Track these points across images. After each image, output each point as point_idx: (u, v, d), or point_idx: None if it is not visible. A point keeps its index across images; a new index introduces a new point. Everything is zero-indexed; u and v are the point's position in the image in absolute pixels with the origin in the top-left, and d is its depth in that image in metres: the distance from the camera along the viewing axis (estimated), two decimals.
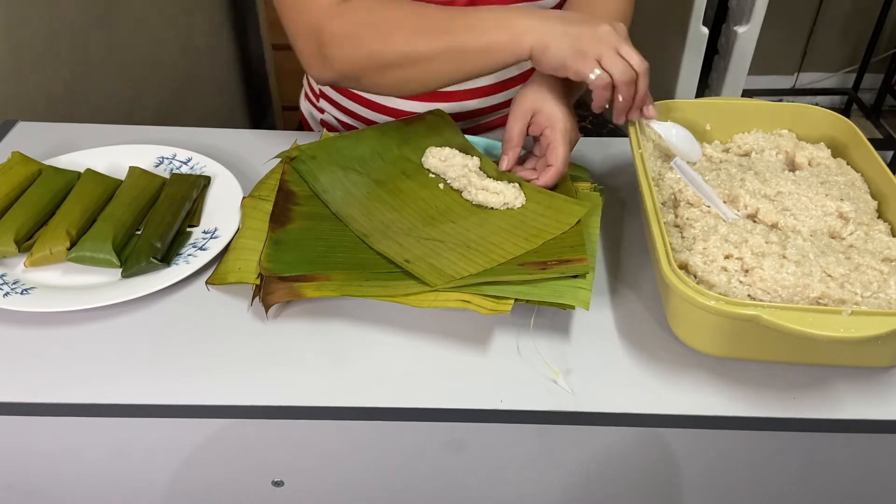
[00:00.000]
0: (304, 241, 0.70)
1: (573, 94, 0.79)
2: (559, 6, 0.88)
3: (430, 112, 0.85)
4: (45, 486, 0.67)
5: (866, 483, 0.65)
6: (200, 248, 0.71)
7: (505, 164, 0.76)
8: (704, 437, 0.60)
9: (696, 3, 1.41)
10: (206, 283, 0.68)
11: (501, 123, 0.99)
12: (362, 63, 0.74)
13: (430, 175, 0.78)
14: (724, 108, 0.80)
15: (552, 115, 0.73)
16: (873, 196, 0.70)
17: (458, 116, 0.93)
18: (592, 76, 0.68)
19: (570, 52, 0.68)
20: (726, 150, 0.78)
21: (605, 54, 0.68)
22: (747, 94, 2.32)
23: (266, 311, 0.64)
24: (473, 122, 0.97)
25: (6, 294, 0.65)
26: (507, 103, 0.96)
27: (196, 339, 0.64)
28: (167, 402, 0.59)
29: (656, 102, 0.77)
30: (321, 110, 1.02)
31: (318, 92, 1.02)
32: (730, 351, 0.60)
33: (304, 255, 0.68)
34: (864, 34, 2.39)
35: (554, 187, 0.74)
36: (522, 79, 0.94)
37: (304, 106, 1.08)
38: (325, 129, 0.95)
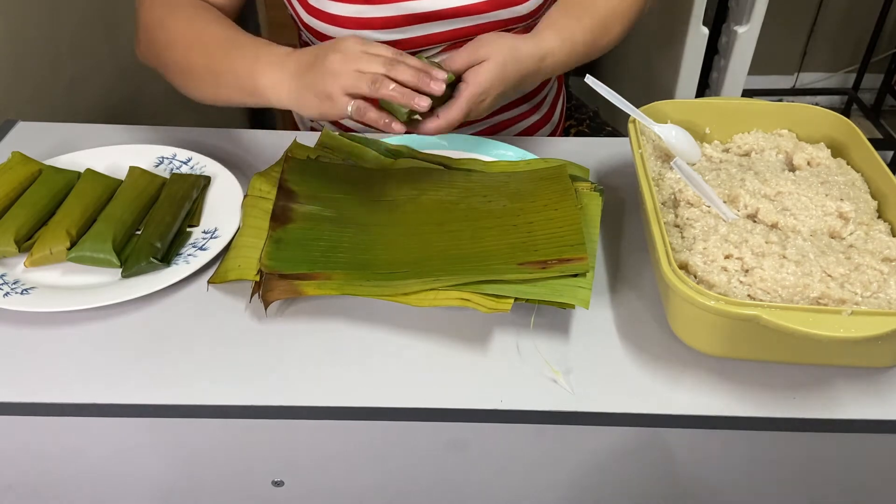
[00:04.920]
0: (304, 241, 0.70)
1: (534, 78, 0.77)
2: (540, 8, 0.88)
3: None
4: (45, 486, 0.67)
5: (866, 483, 0.65)
6: (200, 248, 0.71)
7: (437, 85, 0.69)
8: (704, 437, 0.60)
9: (696, 3, 1.41)
10: (209, 282, 0.68)
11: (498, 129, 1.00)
12: (155, 59, 0.79)
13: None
14: (724, 108, 0.80)
15: (481, 79, 0.71)
16: (873, 196, 0.70)
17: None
18: (350, 111, 0.67)
19: (317, 102, 0.68)
20: (726, 151, 0.78)
21: (346, 80, 0.66)
22: (747, 94, 2.32)
23: (265, 308, 0.64)
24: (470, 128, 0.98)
25: (6, 294, 0.65)
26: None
27: (196, 339, 0.64)
28: (167, 402, 0.59)
29: (656, 102, 0.77)
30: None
31: None
32: (730, 351, 0.60)
33: (305, 254, 0.68)
34: (864, 34, 2.39)
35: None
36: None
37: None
38: (324, 127, 0.95)
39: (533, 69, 0.76)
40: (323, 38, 0.87)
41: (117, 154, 0.83)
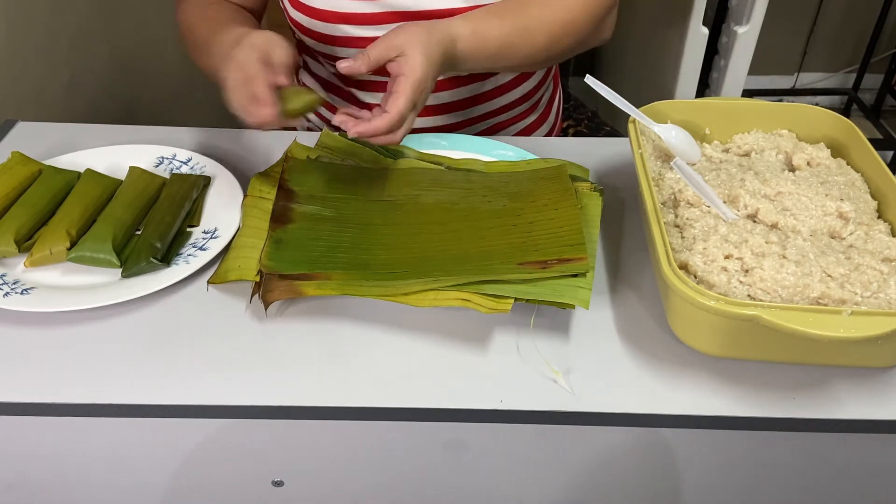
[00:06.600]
0: (304, 241, 0.70)
1: (453, 64, 0.77)
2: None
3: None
4: (45, 486, 0.67)
5: (866, 483, 0.65)
6: (200, 248, 0.71)
7: (344, 65, 0.70)
8: (704, 437, 0.60)
9: (696, 3, 1.41)
10: (208, 282, 0.68)
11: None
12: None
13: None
14: (724, 108, 0.80)
15: (415, 65, 0.69)
16: (873, 196, 0.70)
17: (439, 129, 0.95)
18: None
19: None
20: (726, 151, 0.78)
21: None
22: (747, 94, 2.32)
23: (265, 309, 0.64)
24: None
25: (6, 294, 0.65)
26: (475, 119, 0.97)
27: (196, 339, 0.64)
28: (167, 402, 0.59)
29: (656, 102, 0.77)
30: (307, 118, 1.04)
31: None
32: (730, 351, 0.60)
33: (305, 255, 0.68)
34: (864, 34, 2.39)
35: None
36: (485, 98, 0.96)
37: None
38: (325, 126, 0.96)
39: (450, 51, 0.74)
40: (307, 32, 0.87)
41: (117, 154, 0.83)
